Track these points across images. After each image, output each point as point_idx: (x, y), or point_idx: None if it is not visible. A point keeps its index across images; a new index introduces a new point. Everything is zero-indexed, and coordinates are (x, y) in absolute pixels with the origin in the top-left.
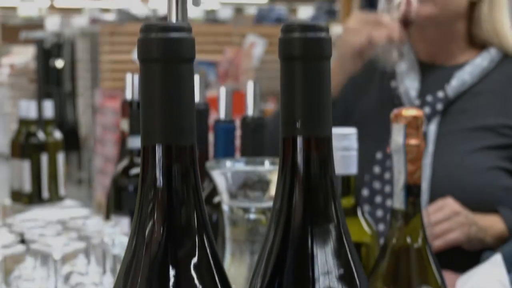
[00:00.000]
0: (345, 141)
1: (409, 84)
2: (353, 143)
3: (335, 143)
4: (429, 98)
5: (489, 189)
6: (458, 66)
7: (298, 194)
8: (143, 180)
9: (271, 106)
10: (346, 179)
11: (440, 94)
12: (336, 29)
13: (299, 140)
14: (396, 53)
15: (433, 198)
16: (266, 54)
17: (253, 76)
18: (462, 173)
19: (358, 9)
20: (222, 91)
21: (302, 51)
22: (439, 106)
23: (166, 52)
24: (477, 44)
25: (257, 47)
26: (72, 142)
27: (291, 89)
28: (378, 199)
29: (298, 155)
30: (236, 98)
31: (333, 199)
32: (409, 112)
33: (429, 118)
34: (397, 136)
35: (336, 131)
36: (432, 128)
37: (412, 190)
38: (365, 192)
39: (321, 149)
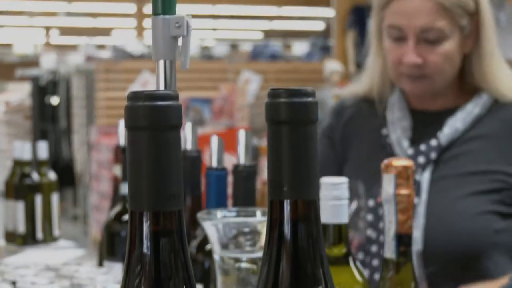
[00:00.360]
0: (336, 191)
1: (401, 133)
2: (344, 192)
3: (326, 193)
4: (422, 147)
5: (482, 233)
6: (450, 111)
7: (285, 258)
8: (131, 245)
9: (266, 143)
10: (337, 227)
11: (434, 142)
12: (330, 65)
13: (286, 203)
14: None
15: (427, 246)
16: (261, 90)
17: (248, 112)
18: (455, 219)
19: (352, 45)
20: (214, 139)
21: (288, 116)
22: (433, 155)
23: (153, 120)
24: (469, 88)
25: (252, 83)
26: (68, 178)
27: (278, 153)
28: (373, 248)
29: (285, 217)
30: (231, 135)
31: (321, 261)
32: (399, 162)
33: (423, 167)
34: (388, 186)
35: (327, 180)
36: (426, 177)
37: (403, 240)
38: None
39: (308, 212)
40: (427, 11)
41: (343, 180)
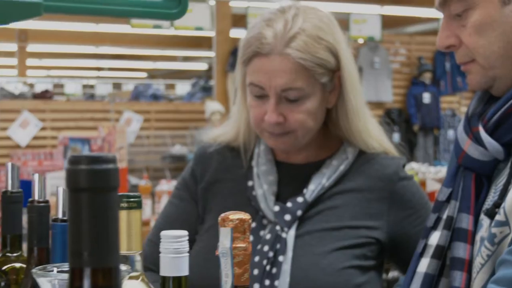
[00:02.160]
0: (176, 244)
1: (267, 188)
2: (185, 245)
3: (166, 245)
4: (289, 204)
5: None
6: (315, 164)
7: None
8: None
9: (144, 183)
10: (176, 280)
11: (300, 199)
12: (211, 105)
13: (86, 271)
14: None
15: None
16: (142, 130)
17: (128, 153)
18: (319, 275)
19: (233, 86)
20: (60, 190)
21: (88, 183)
22: (299, 212)
23: None
24: (333, 141)
25: (134, 123)
26: None
27: (78, 220)
28: None
29: (85, 286)
30: None
31: None
32: (236, 215)
33: (289, 225)
34: (225, 239)
35: (167, 233)
36: (291, 233)
37: None
38: None
39: (108, 279)
40: (287, 70)
41: (184, 233)
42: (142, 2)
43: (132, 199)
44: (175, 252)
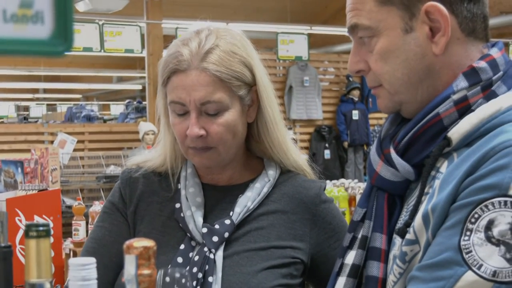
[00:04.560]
0: (83, 271)
1: (195, 209)
2: (92, 273)
3: (74, 274)
4: (216, 226)
5: None
6: (240, 186)
7: None
8: None
9: (76, 204)
10: None
11: (227, 221)
12: (145, 126)
13: None
14: None
15: None
16: (76, 151)
17: (61, 174)
18: None
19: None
20: None
21: None
22: (226, 234)
23: None
24: (255, 159)
25: (67, 144)
26: None
27: None
28: None
29: None
30: (43, 198)
31: None
32: (140, 243)
33: (216, 246)
34: (130, 266)
35: (74, 261)
36: (219, 254)
37: None
38: None
39: None
40: (205, 84)
41: (91, 260)
42: (27, 40)
43: (41, 228)
44: (83, 280)
